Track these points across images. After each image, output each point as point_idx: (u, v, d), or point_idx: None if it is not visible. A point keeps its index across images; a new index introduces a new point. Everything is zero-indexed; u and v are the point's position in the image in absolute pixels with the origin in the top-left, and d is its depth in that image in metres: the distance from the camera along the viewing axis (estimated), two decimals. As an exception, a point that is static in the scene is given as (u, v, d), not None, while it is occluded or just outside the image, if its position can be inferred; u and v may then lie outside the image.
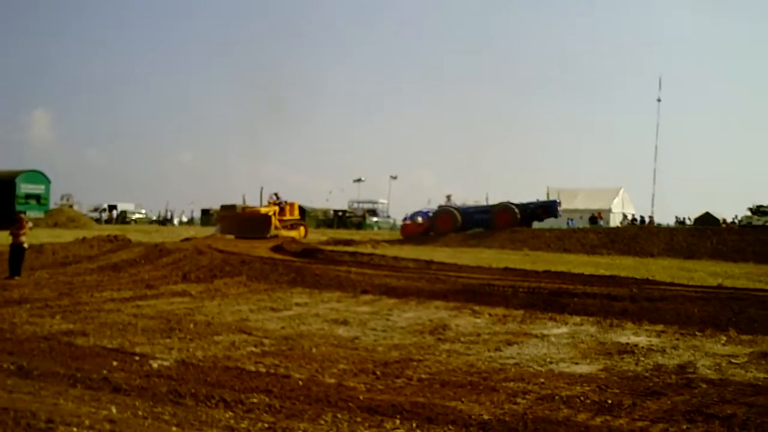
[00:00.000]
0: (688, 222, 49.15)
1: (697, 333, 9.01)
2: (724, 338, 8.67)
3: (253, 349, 7.41)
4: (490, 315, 10.37)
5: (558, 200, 38.82)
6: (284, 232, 30.12)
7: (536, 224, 37.51)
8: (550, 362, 7.11)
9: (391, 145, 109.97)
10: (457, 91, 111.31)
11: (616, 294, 11.91)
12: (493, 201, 38.41)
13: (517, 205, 36.59)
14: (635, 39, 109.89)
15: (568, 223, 42.01)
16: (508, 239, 31.69)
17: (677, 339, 8.63)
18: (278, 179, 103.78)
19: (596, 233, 33.83)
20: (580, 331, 9.14)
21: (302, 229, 33.74)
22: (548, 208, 38.17)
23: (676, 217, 51.65)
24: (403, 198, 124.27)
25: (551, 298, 11.66)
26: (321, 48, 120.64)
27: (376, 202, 69.88)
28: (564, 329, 9.26)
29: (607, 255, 27.72)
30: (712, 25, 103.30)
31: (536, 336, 8.68)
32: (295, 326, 9.00)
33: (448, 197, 41.79)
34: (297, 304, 11.08)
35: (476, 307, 10.98)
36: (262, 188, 32.20)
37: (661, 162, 56.51)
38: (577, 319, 10.05)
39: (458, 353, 7.51)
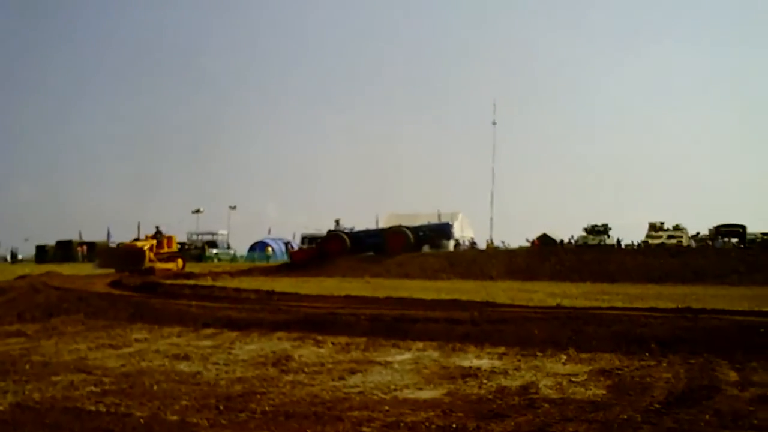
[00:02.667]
0: (526, 243, 52.22)
1: (538, 353, 9.59)
2: (564, 357, 9.31)
3: (93, 388, 7.34)
4: (333, 344, 10.54)
5: (451, 223, 39.95)
6: (160, 265, 32.90)
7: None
8: (395, 389, 7.31)
9: (232, 175, 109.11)
10: (300, 116, 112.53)
11: (457, 318, 12.46)
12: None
13: (409, 228, 37.26)
14: (471, 60, 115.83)
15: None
16: (349, 267, 32.34)
17: (519, 360, 9.16)
18: (114, 211, 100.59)
19: (436, 258, 35.22)
20: (424, 356, 9.46)
21: (179, 261, 36.60)
22: (441, 231, 39.20)
23: (527, 239, 54.63)
24: (244, 229, 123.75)
25: (394, 324, 12.00)
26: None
27: (215, 234, 69.83)
28: (407, 355, 9.55)
29: (447, 279, 28.88)
30: (548, 47, 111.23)
31: (380, 363, 8.90)
32: (135, 363, 8.96)
33: (337, 222, 41.97)
34: (137, 341, 11.07)
35: (319, 337, 11.15)
36: (139, 223, 35.92)
37: (498, 185, 59.88)
38: (420, 344, 10.38)
39: (302, 384, 7.62)
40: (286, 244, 62.73)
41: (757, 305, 15.51)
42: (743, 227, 48.95)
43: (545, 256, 33.98)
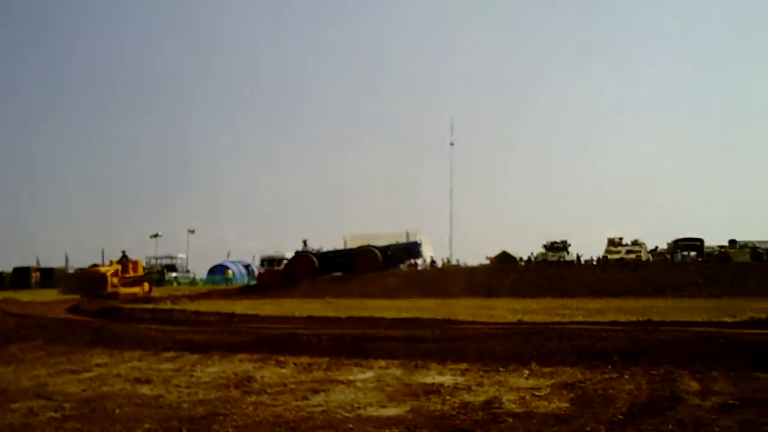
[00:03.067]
0: (486, 262, 52.57)
1: (500, 369, 9.69)
2: (527, 372, 9.42)
3: (54, 414, 7.26)
4: (295, 364, 10.55)
5: (419, 241, 39.97)
6: (124, 290, 33.05)
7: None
8: (358, 407, 7.33)
9: (191, 200, 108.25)
10: (258, 139, 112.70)
11: (419, 336, 12.54)
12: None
13: (378, 248, 37.24)
14: (429, 81, 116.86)
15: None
16: (310, 288, 32.40)
17: (482, 376, 9.23)
18: (72, 236, 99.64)
19: (396, 277, 35.37)
20: (386, 374, 9.49)
21: (146, 285, 36.61)
22: (410, 250, 39.22)
23: (486, 257, 54.85)
24: (203, 252, 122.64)
25: (355, 343, 12.03)
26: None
27: (174, 257, 69.85)
28: (370, 374, 9.57)
29: (408, 298, 28.97)
30: (502, 66, 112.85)
31: (342, 382, 8.93)
32: (96, 387, 8.91)
33: (305, 242, 41.82)
34: (97, 365, 10.98)
35: (281, 358, 11.14)
36: (103, 249, 37.01)
37: (457, 204, 60.37)
38: (383, 362, 10.41)
39: (265, 404, 7.63)
40: (246, 266, 62.53)
41: (716, 316, 15.93)
42: (701, 241, 49.90)
43: (505, 273, 34.35)
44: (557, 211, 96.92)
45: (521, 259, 53.54)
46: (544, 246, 52.96)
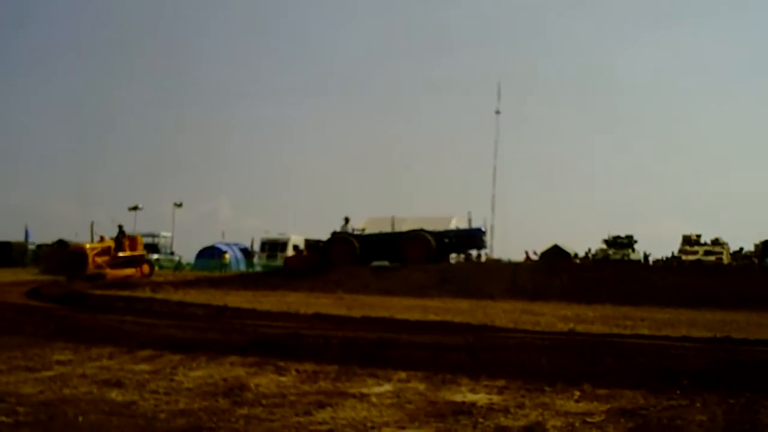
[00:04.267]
0: (534, 257, 52.38)
1: (545, 388, 9.64)
2: (578, 393, 9.36)
3: (5, 419, 7.31)
4: (297, 372, 10.56)
5: (483, 228, 39.81)
6: (113, 271, 33.64)
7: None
8: (372, 427, 7.32)
9: (178, 168, 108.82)
10: (262, 109, 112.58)
11: (448, 344, 12.54)
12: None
13: (432, 234, 37.21)
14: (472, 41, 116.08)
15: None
16: (348, 277, 32.62)
17: (522, 396, 9.20)
18: (27, 208, 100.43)
19: (424, 272, 35.31)
20: (407, 388, 9.49)
21: (145, 267, 37.32)
22: (471, 238, 39.15)
23: (533, 251, 54.53)
24: (192, 230, 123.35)
25: (371, 350, 12.05)
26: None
27: (156, 236, 70.20)
28: (387, 387, 9.57)
29: (437, 297, 28.94)
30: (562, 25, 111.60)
31: (354, 396, 8.92)
32: (56, 390, 8.95)
33: (347, 220, 41.53)
34: (59, 362, 11.05)
35: (281, 363, 11.15)
36: (92, 222, 35.87)
37: (501, 186, 59.91)
38: (403, 374, 10.40)
39: (259, 419, 7.63)
40: (243, 250, 62.70)
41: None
42: (795, 243, 49.33)
43: (556, 272, 34.11)
44: (622, 200, 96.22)
45: (576, 255, 53.36)
46: (605, 241, 52.78)
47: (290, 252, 52.80)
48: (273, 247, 57.45)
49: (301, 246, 51.27)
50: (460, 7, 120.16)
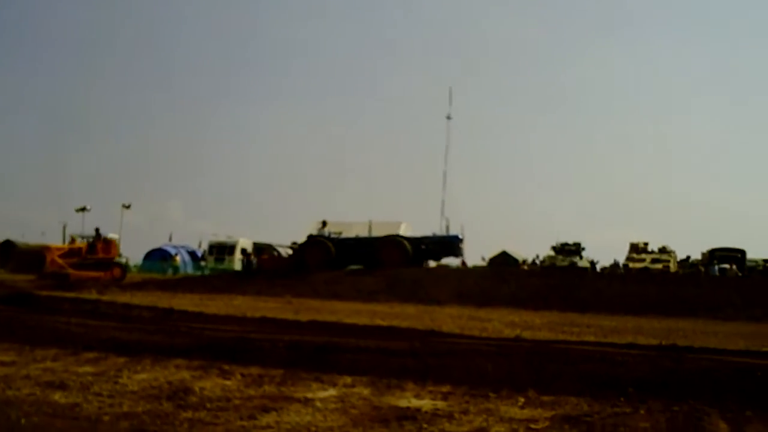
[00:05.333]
0: (481, 263, 52.58)
1: (490, 394, 9.68)
2: (523, 400, 9.41)
3: None
4: (242, 375, 10.57)
5: (461, 235, 39.79)
6: (77, 272, 34.23)
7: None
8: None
9: (128, 170, 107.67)
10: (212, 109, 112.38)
11: (394, 348, 12.58)
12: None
13: (408, 239, 37.14)
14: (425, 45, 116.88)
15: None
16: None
17: (467, 402, 9.23)
18: None
19: (373, 277, 35.35)
20: (352, 393, 9.48)
21: (117, 270, 37.83)
22: (448, 245, 39.06)
23: (482, 257, 54.85)
24: (140, 232, 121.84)
25: (317, 354, 12.08)
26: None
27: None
28: (332, 392, 9.57)
29: (385, 302, 28.99)
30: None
31: (299, 400, 8.93)
32: None
33: (324, 224, 41.16)
34: (2, 364, 11.11)
35: (226, 366, 11.16)
36: (65, 224, 38.18)
37: (450, 191, 60.02)
38: (348, 379, 10.41)
39: (203, 422, 7.64)
40: (191, 253, 62.23)
41: (755, 344, 16.00)
42: (742, 252, 49.96)
43: (504, 279, 34.38)
44: (571, 207, 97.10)
45: (524, 262, 53.74)
46: (553, 248, 53.08)
47: (238, 255, 52.74)
48: (221, 250, 57.07)
49: (249, 249, 51.13)
50: (411, 11, 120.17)
